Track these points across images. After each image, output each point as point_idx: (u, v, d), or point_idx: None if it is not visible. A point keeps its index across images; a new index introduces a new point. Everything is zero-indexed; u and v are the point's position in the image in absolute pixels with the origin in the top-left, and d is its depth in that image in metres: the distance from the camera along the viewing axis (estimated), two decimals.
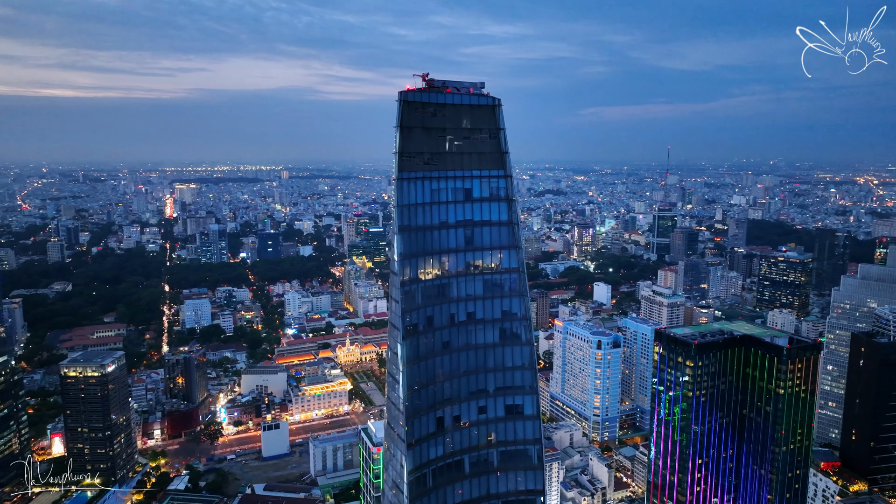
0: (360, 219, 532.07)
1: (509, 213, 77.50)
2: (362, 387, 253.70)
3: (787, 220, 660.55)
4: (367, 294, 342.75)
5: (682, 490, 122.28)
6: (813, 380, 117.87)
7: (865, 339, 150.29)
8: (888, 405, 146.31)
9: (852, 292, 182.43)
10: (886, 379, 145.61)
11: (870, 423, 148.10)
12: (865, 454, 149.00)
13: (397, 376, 75.37)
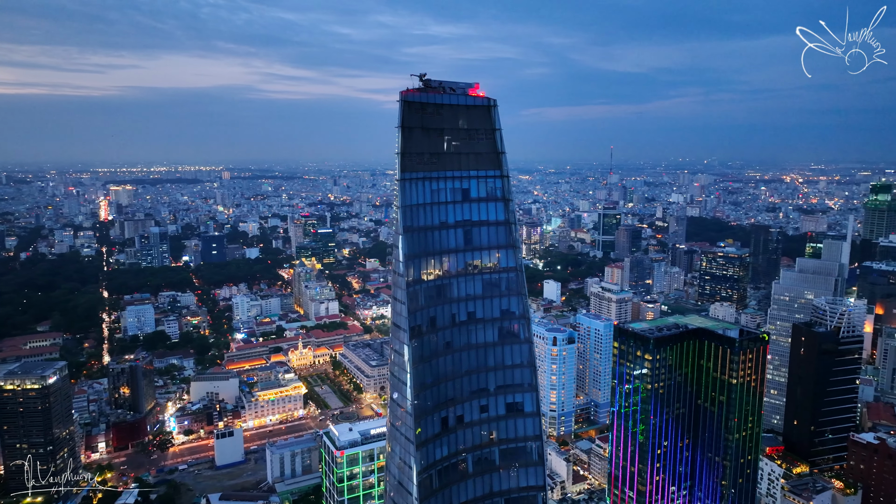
0: (307, 220, 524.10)
1: (506, 212, 78.03)
2: (317, 390, 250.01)
3: (723, 216, 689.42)
4: (318, 296, 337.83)
5: (641, 480, 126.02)
6: (762, 369, 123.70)
7: (805, 329, 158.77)
8: (826, 391, 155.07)
9: (791, 285, 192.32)
10: (825, 366, 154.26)
11: (810, 408, 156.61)
12: (806, 438, 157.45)
13: (403, 377, 74.98)
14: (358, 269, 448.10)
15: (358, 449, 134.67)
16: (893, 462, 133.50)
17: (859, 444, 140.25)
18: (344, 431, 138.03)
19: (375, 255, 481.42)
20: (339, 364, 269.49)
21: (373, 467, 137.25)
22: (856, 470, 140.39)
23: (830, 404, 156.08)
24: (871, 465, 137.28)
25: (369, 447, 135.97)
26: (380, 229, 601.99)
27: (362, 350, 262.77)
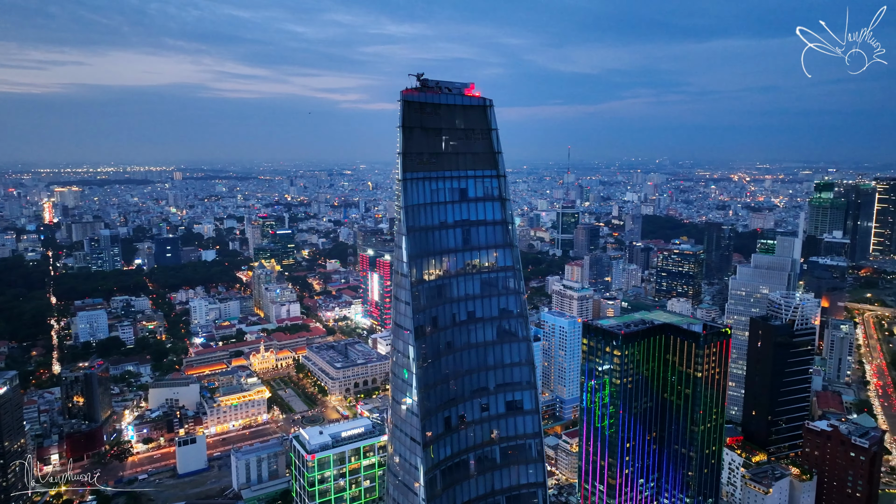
0: (265, 221, 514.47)
1: (503, 212, 78.01)
2: (281, 394, 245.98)
3: (676, 214, 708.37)
4: (279, 298, 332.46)
5: (612, 474, 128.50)
6: (725, 363, 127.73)
7: (762, 322, 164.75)
8: (782, 382, 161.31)
9: (747, 280, 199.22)
10: (780, 359, 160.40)
11: (767, 399, 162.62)
12: (764, 428, 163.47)
13: (409, 378, 74.59)
14: (318, 270, 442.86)
15: (329, 452, 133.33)
16: (845, 448, 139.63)
17: (814, 431, 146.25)
18: (314, 435, 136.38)
19: (336, 255, 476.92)
20: (303, 367, 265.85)
21: (344, 470, 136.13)
22: (811, 456, 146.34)
23: (786, 394, 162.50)
24: (824, 451, 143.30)
25: (340, 450, 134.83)
26: (339, 230, 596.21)
27: (326, 352, 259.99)
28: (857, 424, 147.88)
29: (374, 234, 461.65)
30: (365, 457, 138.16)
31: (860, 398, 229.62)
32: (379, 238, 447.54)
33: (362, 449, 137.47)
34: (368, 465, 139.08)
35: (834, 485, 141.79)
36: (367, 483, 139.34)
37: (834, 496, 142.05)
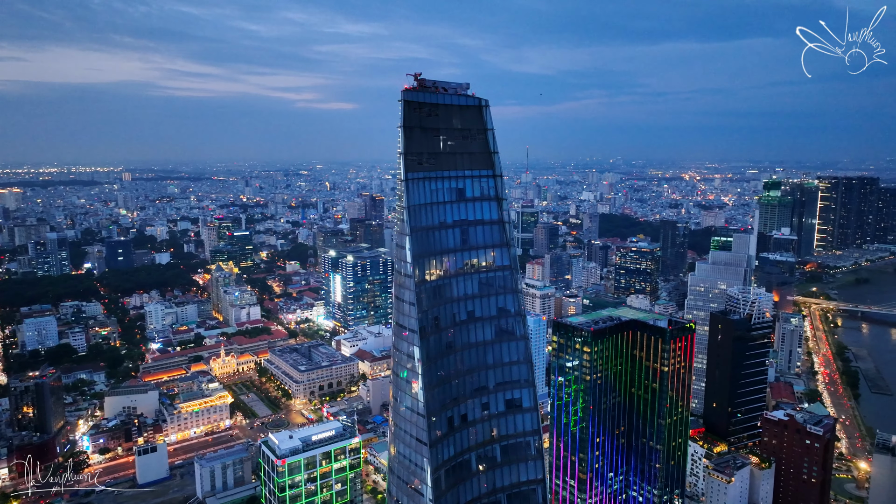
0: (221, 222, 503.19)
1: (500, 211, 77.98)
2: (243, 399, 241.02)
3: (631, 213, 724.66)
4: (238, 301, 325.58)
5: (582, 469, 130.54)
6: (690, 357, 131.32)
7: (721, 317, 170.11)
8: (741, 374, 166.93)
9: (705, 276, 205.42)
10: (739, 351, 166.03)
11: (727, 391, 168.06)
12: (724, 419, 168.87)
13: (414, 379, 73.94)
14: (278, 272, 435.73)
15: (300, 456, 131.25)
16: (801, 436, 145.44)
17: (771, 421, 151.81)
18: (284, 439, 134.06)
19: (295, 257, 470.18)
20: (266, 370, 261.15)
21: (314, 474, 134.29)
22: (769, 445, 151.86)
23: (744, 386, 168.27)
24: (782, 440, 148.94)
25: (311, 454, 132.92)
26: (298, 231, 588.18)
27: (289, 355, 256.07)
28: (811, 413, 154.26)
29: (335, 234, 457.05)
30: (336, 460, 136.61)
31: (810, 388, 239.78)
32: (340, 239, 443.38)
33: (333, 452, 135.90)
34: (339, 468, 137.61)
35: (791, 471, 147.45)
36: (338, 486, 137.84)
37: (791, 482, 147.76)
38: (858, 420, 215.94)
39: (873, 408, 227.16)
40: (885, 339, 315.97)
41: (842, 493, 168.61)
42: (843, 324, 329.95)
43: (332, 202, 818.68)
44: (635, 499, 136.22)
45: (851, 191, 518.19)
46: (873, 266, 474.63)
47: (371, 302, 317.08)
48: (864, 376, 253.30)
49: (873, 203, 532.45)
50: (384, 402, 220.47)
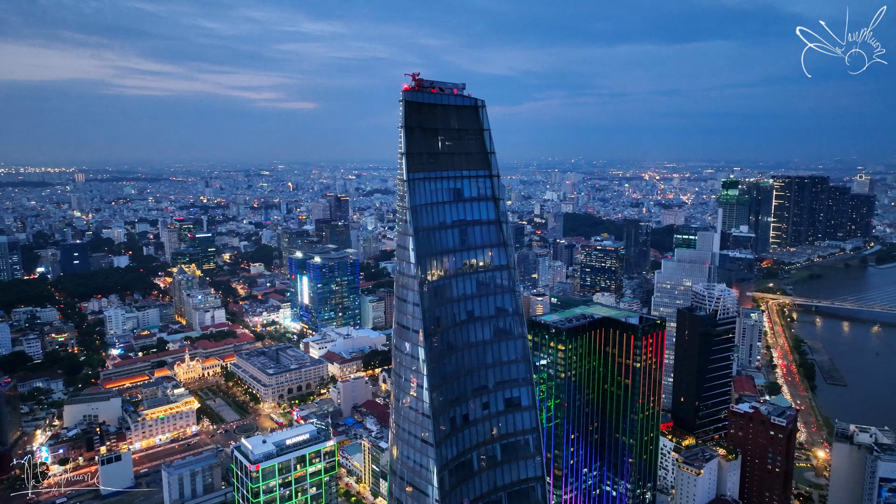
0: (182, 224, 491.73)
1: (496, 211, 77.85)
2: (210, 404, 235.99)
3: (594, 212, 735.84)
4: (202, 304, 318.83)
5: (558, 465, 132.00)
6: (661, 352, 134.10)
7: (688, 313, 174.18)
8: (708, 369, 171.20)
9: (671, 273, 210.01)
10: (706, 347, 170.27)
11: (694, 386, 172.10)
12: (692, 413, 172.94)
13: (418, 379, 73.76)
14: (242, 274, 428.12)
15: (274, 461, 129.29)
16: (766, 428, 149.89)
17: (737, 413, 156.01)
18: (258, 444, 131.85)
19: (259, 259, 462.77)
20: (232, 374, 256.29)
21: (289, 479, 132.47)
22: (735, 437, 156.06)
23: (711, 381, 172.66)
24: (747, 431, 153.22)
25: (286, 458, 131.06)
26: (261, 232, 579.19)
27: (257, 358, 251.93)
28: (774, 405, 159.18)
29: (300, 236, 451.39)
30: (310, 464, 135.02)
31: (770, 380, 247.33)
32: (305, 240, 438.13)
33: (308, 456, 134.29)
34: (314, 471, 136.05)
35: (756, 462, 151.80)
36: (312, 490, 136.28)
37: (756, 472, 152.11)
38: (815, 410, 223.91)
39: (829, 398, 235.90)
40: (838, 332, 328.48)
41: (802, 482, 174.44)
42: (799, 318, 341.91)
43: (295, 203, 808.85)
44: (609, 493, 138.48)
45: (804, 190, 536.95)
46: (825, 262, 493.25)
47: (339, 303, 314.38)
48: (819, 368, 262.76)
49: (824, 201, 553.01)
50: (355, 404, 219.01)
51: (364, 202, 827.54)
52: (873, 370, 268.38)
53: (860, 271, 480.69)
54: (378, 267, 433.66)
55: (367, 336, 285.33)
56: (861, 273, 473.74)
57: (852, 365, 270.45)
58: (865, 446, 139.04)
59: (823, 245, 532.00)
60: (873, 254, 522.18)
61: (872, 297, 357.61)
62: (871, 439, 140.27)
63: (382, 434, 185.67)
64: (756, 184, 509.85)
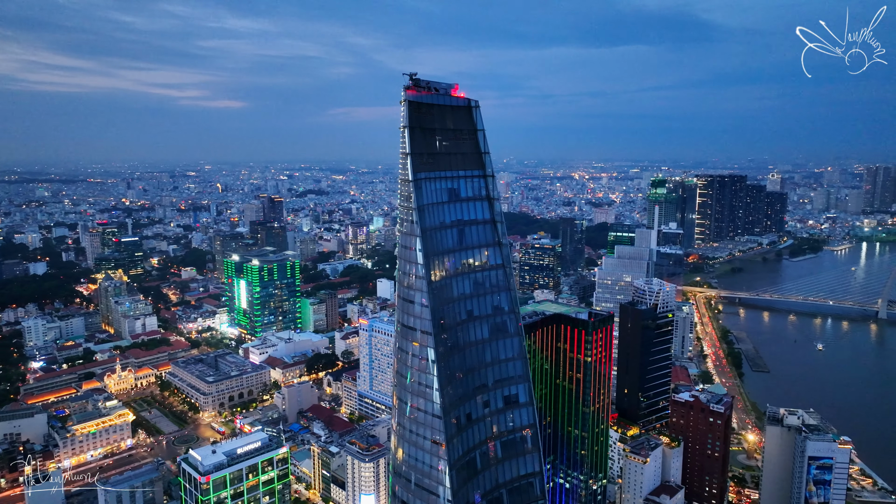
0: (105, 228, 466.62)
1: (491, 211, 77.44)
2: (145, 415, 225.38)
3: (529, 211, 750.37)
4: (132, 312, 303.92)
5: None
6: (610, 347, 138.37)
7: (630, 307, 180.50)
8: (650, 360, 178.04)
9: (612, 270, 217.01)
10: (647, 339, 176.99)
11: (637, 378, 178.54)
12: (636, 404, 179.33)
13: (427, 380, 73.22)
14: (172, 279, 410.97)
15: (225, 471, 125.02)
16: (705, 415, 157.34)
17: (679, 402, 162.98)
18: (207, 455, 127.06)
19: (191, 263, 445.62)
20: (168, 384, 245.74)
21: (241, 489, 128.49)
22: (677, 425, 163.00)
23: (652, 372, 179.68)
24: (688, 419, 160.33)
25: (237, 468, 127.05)
26: (191, 235, 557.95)
27: (195, 366, 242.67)
28: (712, 393, 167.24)
29: (234, 238, 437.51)
30: (263, 472, 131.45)
31: (702, 370, 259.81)
32: (240, 243, 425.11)
33: (260, 464, 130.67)
34: (267, 480, 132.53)
35: (697, 448, 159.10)
36: (266, 500, 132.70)
37: (697, 458, 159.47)
38: (744, 396, 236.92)
39: (755, 384, 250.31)
40: (760, 322, 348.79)
41: (735, 464, 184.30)
42: (724, 309, 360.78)
43: (225, 204, 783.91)
44: (562, 485, 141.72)
45: (724, 188, 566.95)
46: (745, 256, 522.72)
47: (279, 307, 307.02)
48: (745, 357, 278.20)
49: (742, 199, 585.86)
50: (301, 410, 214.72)
51: (298, 203, 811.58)
52: (792, 356, 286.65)
53: (776, 264, 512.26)
54: (316, 269, 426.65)
55: (310, 339, 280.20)
56: (777, 266, 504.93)
57: (774, 352, 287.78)
58: (794, 428, 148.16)
59: (743, 240, 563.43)
60: (787, 248, 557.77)
61: (788, 288, 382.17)
62: (799, 421, 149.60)
63: (332, 438, 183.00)
64: (681, 182, 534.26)
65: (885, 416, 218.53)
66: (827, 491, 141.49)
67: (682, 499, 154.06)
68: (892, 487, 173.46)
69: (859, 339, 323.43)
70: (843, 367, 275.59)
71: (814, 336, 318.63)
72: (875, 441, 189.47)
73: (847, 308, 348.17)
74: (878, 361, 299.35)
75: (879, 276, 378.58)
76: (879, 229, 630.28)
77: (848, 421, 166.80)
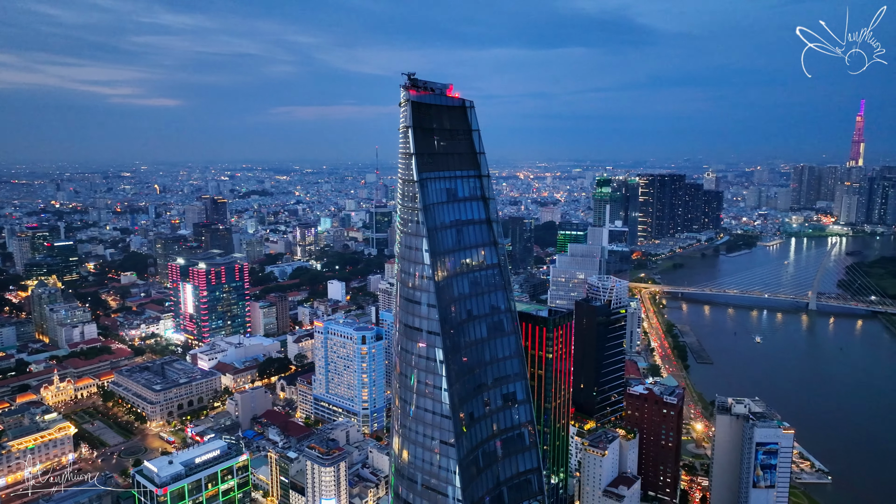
0: (35, 232, 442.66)
1: (486, 211, 76.83)
2: (88, 428, 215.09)
3: None
4: (68, 319, 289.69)
5: None
6: (570, 343, 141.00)
7: (585, 304, 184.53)
8: (604, 356, 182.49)
9: (565, 267, 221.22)
10: (602, 335, 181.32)
11: (593, 372, 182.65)
12: (592, 398, 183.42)
13: (434, 381, 72.97)
14: (111, 284, 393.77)
15: (183, 482, 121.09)
16: (659, 407, 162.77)
17: (634, 395, 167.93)
18: (163, 465, 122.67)
19: (130, 267, 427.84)
20: (112, 394, 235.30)
21: (200, 499, 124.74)
22: (632, 418, 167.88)
23: (607, 367, 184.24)
24: (643, 411, 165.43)
25: (196, 477, 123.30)
26: (130, 239, 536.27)
27: (140, 374, 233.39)
28: (665, 385, 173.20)
29: (176, 241, 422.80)
30: (223, 481, 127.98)
31: (650, 363, 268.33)
32: (184, 245, 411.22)
33: (220, 473, 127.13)
34: (227, 489, 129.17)
35: (651, 439, 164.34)
36: None
37: (652, 448, 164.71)
38: (690, 387, 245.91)
39: (700, 376, 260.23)
40: (701, 316, 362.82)
41: (685, 453, 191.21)
42: (668, 304, 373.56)
43: (164, 206, 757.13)
44: None
45: (665, 186, 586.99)
46: (685, 252, 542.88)
47: (227, 311, 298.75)
48: (690, 349, 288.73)
49: (682, 197, 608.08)
50: (254, 416, 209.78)
51: (241, 204, 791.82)
52: (733, 348, 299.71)
53: (714, 260, 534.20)
54: (264, 271, 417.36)
55: (261, 343, 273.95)
56: (715, 261, 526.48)
57: (716, 344, 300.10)
58: (742, 416, 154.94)
59: (683, 237, 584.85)
60: (724, 244, 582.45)
61: (726, 282, 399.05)
62: (746, 409, 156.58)
63: (289, 444, 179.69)
64: (625, 181, 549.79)
65: (818, 403, 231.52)
66: (773, 474, 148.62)
67: (639, 489, 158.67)
68: (827, 469, 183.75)
69: (792, 330, 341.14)
70: (779, 357, 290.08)
71: (752, 328, 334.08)
72: (810, 426, 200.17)
73: (780, 301, 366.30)
74: (809, 350, 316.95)
75: (808, 270, 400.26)
76: (806, 225, 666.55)
77: (785, 408, 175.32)
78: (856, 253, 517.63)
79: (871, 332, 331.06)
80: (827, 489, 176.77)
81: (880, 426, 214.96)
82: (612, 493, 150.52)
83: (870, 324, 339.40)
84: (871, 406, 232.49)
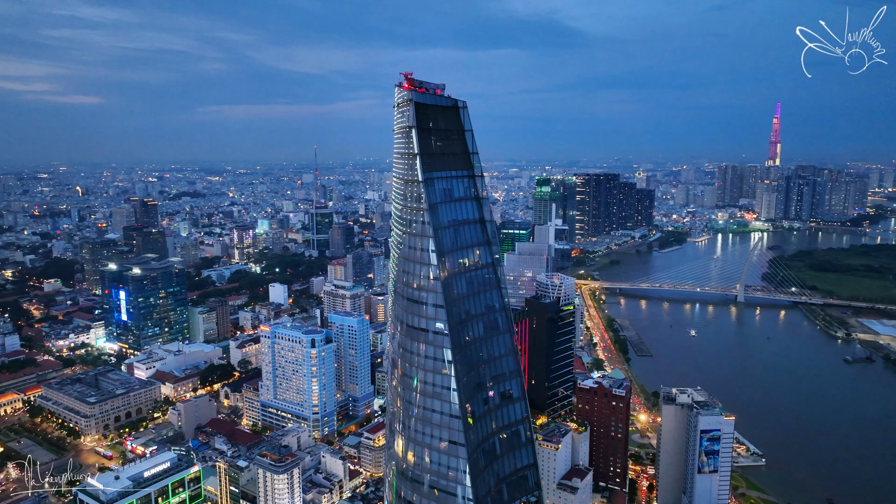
0: None
1: (480, 211, 75.74)
2: (13, 446, 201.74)
3: None
4: None
5: None
6: (525, 340, 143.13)
7: (535, 302, 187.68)
8: (554, 351, 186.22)
9: (514, 265, 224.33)
10: (552, 331, 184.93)
11: (544, 368, 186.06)
12: (543, 394, 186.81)
13: (441, 381, 73.38)
14: (33, 292, 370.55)
15: (132, 498, 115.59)
16: (608, 399, 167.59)
17: (584, 389, 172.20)
18: (109, 481, 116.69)
19: (53, 274, 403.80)
20: (40, 409, 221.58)
21: None
22: (583, 411, 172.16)
23: (557, 362, 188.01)
24: (593, 404, 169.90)
25: (146, 492, 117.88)
26: (51, 243, 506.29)
27: (71, 387, 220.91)
28: (613, 378, 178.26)
29: (105, 245, 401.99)
30: (174, 494, 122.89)
31: (594, 357, 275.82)
32: (113, 250, 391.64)
33: (171, 486, 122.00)
34: (178, 502, 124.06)
35: (601, 431, 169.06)
36: None
37: (602, 440, 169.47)
38: (633, 380, 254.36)
39: (641, 368, 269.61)
40: (639, 310, 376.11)
41: (631, 444, 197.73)
42: (607, 300, 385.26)
43: (88, 209, 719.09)
44: None
45: (600, 185, 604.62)
46: (620, 249, 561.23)
47: (164, 318, 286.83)
48: (630, 343, 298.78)
49: (616, 196, 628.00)
50: (199, 425, 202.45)
51: (172, 206, 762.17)
52: (670, 340, 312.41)
53: (648, 256, 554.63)
54: (201, 275, 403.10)
55: (202, 350, 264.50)
56: (648, 258, 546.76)
57: (654, 337, 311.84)
58: (686, 405, 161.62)
59: (618, 234, 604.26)
60: (656, 240, 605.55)
61: (660, 277, 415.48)
62: (690, 399, 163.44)
63: (239, 452, 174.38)
64: (562, 181, 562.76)
65: (750, 390, 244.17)
66: (716, 460, 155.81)
67: (591, 480, 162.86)
68: (762, 452, 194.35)
69: (723, 322, 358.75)
70: (713, 348, 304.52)
71: (686, 321, 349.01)
72: (744, 412, 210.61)
73: (711, 294, 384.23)
74: (739, 341, 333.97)
75: (735, 264, 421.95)
76: (731, 221, 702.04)
77: (720, 396, 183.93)
78: (776, 247, 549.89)
79: (793, 321, 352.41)
80: (762, 471, 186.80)
81: (806, 409, 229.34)
82: (566, 486, 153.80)
83: (792, 313, 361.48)
84: (798, 391, 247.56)
